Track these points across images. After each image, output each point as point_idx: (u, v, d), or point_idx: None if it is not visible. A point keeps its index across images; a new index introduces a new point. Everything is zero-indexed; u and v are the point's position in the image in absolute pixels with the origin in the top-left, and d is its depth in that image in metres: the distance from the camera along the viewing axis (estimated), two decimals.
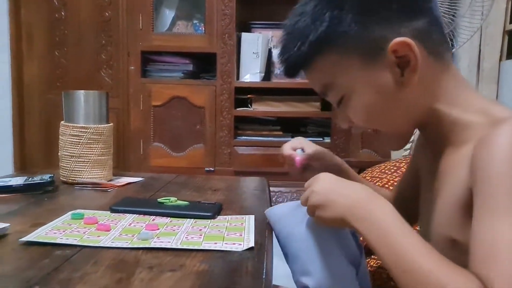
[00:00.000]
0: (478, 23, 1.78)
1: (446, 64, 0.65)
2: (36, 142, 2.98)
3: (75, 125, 1.02)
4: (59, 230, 0.70)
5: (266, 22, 2.78)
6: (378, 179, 1.21)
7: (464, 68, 2.31)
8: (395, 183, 1.17)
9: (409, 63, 0.61)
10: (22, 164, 2.97)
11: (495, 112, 0.61)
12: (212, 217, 0.80)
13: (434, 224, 0.65)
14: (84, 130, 1.02)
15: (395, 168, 1.22)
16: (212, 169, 2.67)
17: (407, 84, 0.62)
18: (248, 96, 2.64)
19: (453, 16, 1.68)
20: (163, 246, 0.64)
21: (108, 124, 1.07)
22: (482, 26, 2.04)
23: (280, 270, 0.75)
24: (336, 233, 0.73)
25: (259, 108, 2.63)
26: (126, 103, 2.73)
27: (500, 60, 2.24)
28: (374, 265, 1.07)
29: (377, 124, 0.67)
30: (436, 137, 0.67)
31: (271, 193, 2.82)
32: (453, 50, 1.68)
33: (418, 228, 0.85)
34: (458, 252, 0.60)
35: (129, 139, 2.73)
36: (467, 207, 0.57)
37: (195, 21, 2.76)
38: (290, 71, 0.68)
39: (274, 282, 0.62)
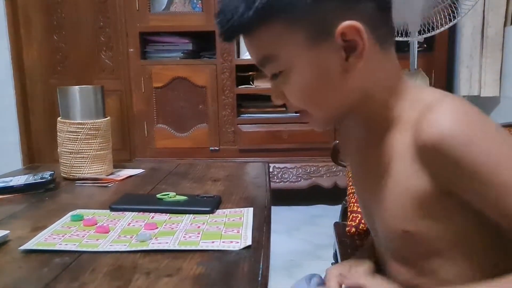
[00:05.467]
0: None
1: (389, 53, 0.62)
2: (42, 127, 2.99)
3: (72, 121, 1.02)
4: (59, 234, 0.71)
5: None
6: None
7: (467, 35, 2.26)
8: None
9: (356, 48, 0.58)
10: (29, 151, 3.00)
11: (425, 96, 0.60)
12: (211, 211, 0.80)
13: (382, 216, 0.64)
14: (81, 126, 1.02)
15: None
16: (217, 148, 2.68)
17: (350, 70, 0.59)
18: (250, 73, 2.61)
19: None
20: (160, 248, 0.65)
21: (105, 118, 1.07)
22: None
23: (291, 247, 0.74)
24: None
25: (261, 85, 2.61)
26: (128, 85, 2.72)
27: (505, 25, 2.18)
28: None
29: (311, 105, 0.64)
30: (368, 125, 0.65)
31: (276, 170, 2.81)
32: (455, 21, 1.63)
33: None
34: (411, 242, 0.61)
35: (133, 121, 2.73)
36: (419, 198, 0.58)
37: None
38: (228, 36, 0.63)
39: (273, 269, 0.63)
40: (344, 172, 2.64)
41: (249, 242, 0.66)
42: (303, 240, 2.26)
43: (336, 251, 1.31)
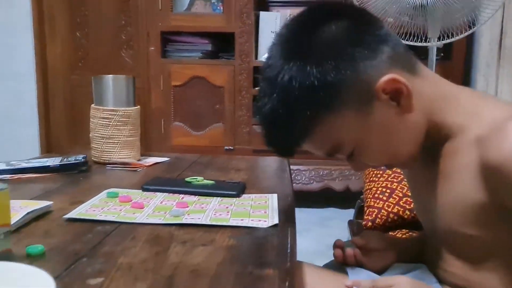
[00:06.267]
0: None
1: (422, 73, 0.67)
2: (61, 122, 3.06)
3: (105, 108, 1.08)
4: (97, 207, 0.75)
5: (284, 0, 2.78)
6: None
7: (485, 46, 2.29)
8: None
9: (401, 92, 0.62)
10: (48, 144, 3.07)
11: (486, 112, 0.64)
12: (237, 195, 0.85)
13: (443, 221, 0.69)
14: (113, 113, 1.07)
15: None
16: (232, 148, 2.73)
17: (408, 110, 0.64)
18: None
19: None
20: (194, 222, 0.69)
21: (136, 107, 1.12)
22: (506, 1, 2.00)
23: (301, 246, 0.79)
24: None
25: None
26: (147, 83, 2.78)
27: None
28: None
29: (394, 157, 0.68)
30: (432, 145, 0.69)
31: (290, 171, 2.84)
32: (474, 28, 1.67)
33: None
34: (473, 245, 0.66)
35: (150, 118, 2.79)
36: (477, 208, 0.63)
37: (213, 0, 2.77)
38: (288, 154, 0.68)
39: (297, 258, 0.67)
40: (356, 176, 2.67)
41: (276, 221, 0.70)
42: (314, 240, 2.29)
43: None
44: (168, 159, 1.19)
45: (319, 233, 2.38)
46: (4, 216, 0.54)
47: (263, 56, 2.66)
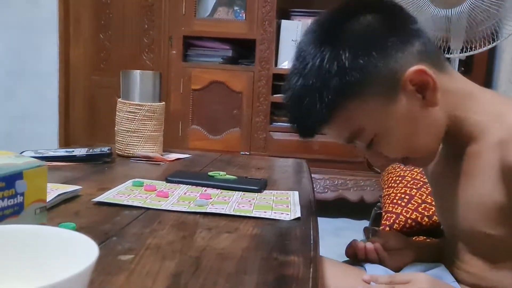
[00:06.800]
0: None
1: (449, 71, 0.69)
2: (80, 120, 3.12)
3: (132, 102, 1.10)
4: (124, 194, 0.77)
5: (306, 10, 2.80)
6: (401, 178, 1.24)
7: (507, 61, 2.28)
8: (422, 178, 1.20)
9: (427, 85, 0.63)
10: (66, 142, 3.13)
11: (508, 116, 0.65)
12: (259, 190, 0.86)
13: (463, 220, 0.70)
14: (139, 107, 1.10)
15: None
16: (248, 153, 2.74)
17: (432, 104, 0.65)
18: None
19: (498, 7, 1.66)
20: (218, 211, 0.71)
21: (161, 103, 1.14)
22: None
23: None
24: None
25: None
26: (165, 86, 2.82)
27: None
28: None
29: (412, 150, 0.68)
30: (454, 143, 0.70)
31: None
32: (497, 42, 1.67)
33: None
34: (493, 244, 0.67)
35: (168, 120, 2.80)
36: (498, 209, 0.64)
37: (236, 8, 2.81)
38: (309, 134, 0.68)
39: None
40: (371, 187, 2.66)
41: (298, 214, 0.72)
42: (326, 250, 2.28)
43: None
44: (190, 155, 1.21)
45: (332, 243, 2.37)
46: (41, 192, 0.56)
47: (283, 63, 2.68)
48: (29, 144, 3.02)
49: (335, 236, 2.50)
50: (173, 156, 1.16)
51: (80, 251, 0.36)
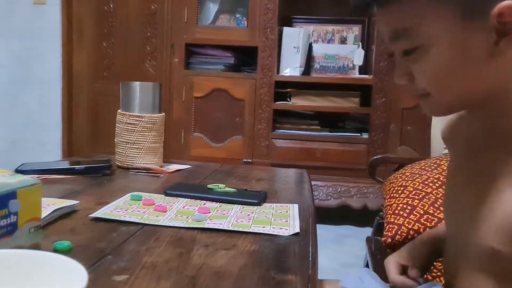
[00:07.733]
0: None
1: None
2: (83, 128, 3.13)
3: (131, 113, 1.10)
4: (122, 209, 0.77)
5: (307, 17, 2.81)
6: (417, 175, 1.23)
7: None
8: (435, 180, 1.19)
9: (510, 32, 0.52)
10: (69, 149, 3.13)
11: None
12: (259, 204, 0.85)
13: (483, 239, 0.60)
14: (139, 118, 1.09)
15: (435, 165, 1.24)
16: (250, 161, 2.74)
17: (498, 56, 0.53)
18: (288, 90, 2.68)
19: None
20: (216, 227, 0.70)
21: (161, 114, 1.14)
22: None
23: (321, 263, 0.78)
24: None
25: (298, 102, 2.67)
26: (168, 94, 2.82)
27: None
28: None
29: (440, 88, 0.58)
30: (492, 127, 0.59)
31: None
32: None
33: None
34: (496, 262, 0.58)
35: (170, 128, 2.82)
36: None
37: (237, 15, 2.81)
38: (362, 5, 0.58)
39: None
40: (375, 195, 2.64)
41: (297, 229, 0.71)
42: (328, 257, 2.27)
43: (367, 265, 1.33)
44: (190, 166, 1.20)
45: (335, 250, 2.36)
46: (35, 211, 0.55)
47: (284, 71, 2.68)
48: (32, 151, 3.04)
49: (338, 243, 2.49)
50: (173, 167, 1.16)
51: (69, 277, 0.35)
